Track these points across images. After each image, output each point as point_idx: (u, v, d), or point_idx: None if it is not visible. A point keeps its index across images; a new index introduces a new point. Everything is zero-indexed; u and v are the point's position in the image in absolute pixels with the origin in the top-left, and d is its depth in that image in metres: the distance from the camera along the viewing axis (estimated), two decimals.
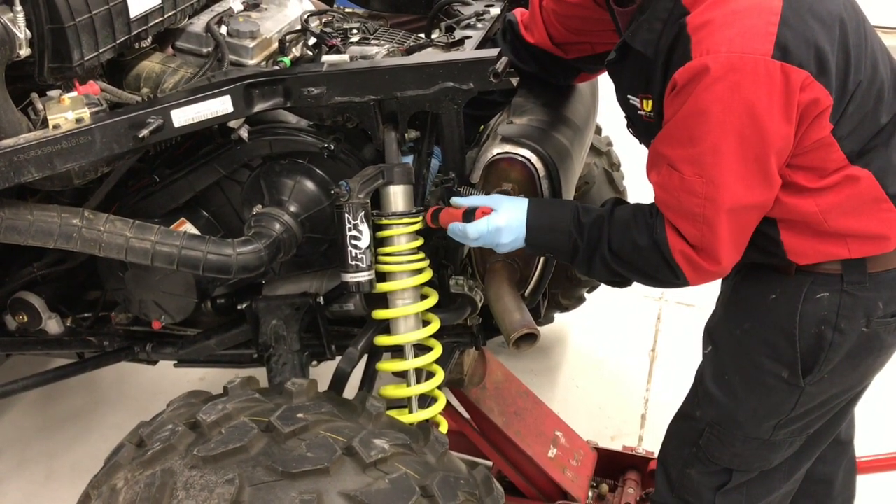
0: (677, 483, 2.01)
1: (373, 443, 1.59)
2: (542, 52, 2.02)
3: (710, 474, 1.95)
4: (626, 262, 1.67)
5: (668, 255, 1.61)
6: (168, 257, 1.81)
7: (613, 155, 3.17)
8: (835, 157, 1.58)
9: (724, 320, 1.88)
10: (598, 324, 3.75)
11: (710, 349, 1.90)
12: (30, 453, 3.19)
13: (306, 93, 1.82)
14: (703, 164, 1.51)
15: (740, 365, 1.83)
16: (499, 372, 2.74)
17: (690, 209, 1.56)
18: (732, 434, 1.86)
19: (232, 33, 2.02)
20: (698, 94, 1.46)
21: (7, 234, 1.73)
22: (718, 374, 1.87)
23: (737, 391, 1.83)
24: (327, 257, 2.13)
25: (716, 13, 1.47)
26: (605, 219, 1.68)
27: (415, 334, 1.92)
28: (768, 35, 1.44)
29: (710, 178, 1.52)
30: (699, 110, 1.48)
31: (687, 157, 1.52)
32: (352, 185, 1.77)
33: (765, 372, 1.78)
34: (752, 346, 1.80)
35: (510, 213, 1.73)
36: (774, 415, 1.82)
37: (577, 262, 1.73)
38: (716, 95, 1.45)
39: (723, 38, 1.45)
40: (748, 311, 1.81)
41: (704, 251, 1.59)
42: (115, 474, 1.62)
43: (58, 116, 1.68)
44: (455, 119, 1.83)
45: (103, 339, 2.36)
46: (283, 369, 2.09)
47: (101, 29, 1.79)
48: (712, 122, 1.47)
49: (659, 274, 1.65)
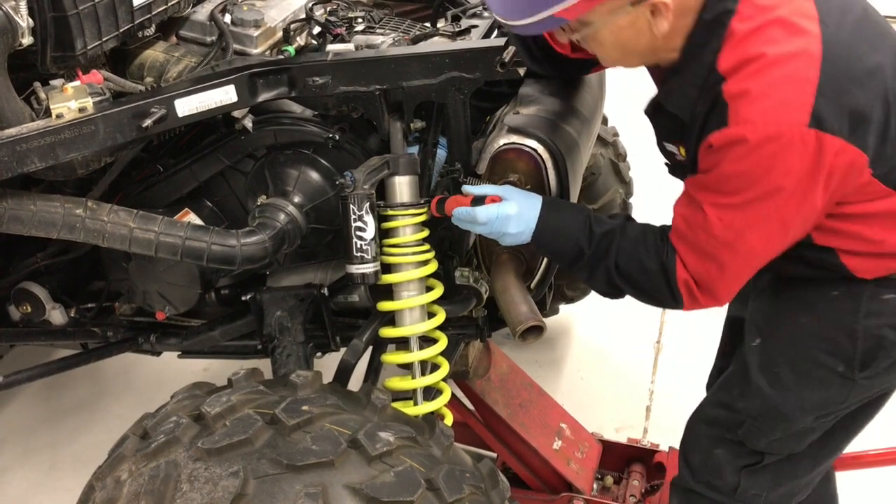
0: (701, 466, 2.01)
1: (378, 435, 1.58)
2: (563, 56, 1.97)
3: (738, 455, 1.94)
4: (629, 279, 1.70)
5: (674, 282, 1.65)
6: (172, 248, 1.80)
7: (620, 145, 3.16)
8: (878, 190, 1.60)
9: (776, 313, 1.87)
10: (603, 315, 3.74)
11: (759, 342, 1.89)
12: (34, 443, 3.19)
13: (311, 82, 1.81)
14: (729, 212, 1.55)
15: (792, 358, 1.82)
16: (504, 364, 2.73)
17: (704, 248, 1.60)
18: (775, 426, 1.86)
19: (236, 22, 2.01)
20: (733, 159, 1.50)
21: (10, 224, 1.73)
22: (767, 366, 1.86)
23: (787, 385, 1.82)
24: (332, 248, 2.13)
25: (753, 83, 1.48)
26: (617, 233, 1.70)
27: (420, 326, 1.91)
28: (804, 105, 1.46)
29: (732, 227, 1.56)
30: (733, 174, 1.52)
31: (715, 203, 1.56)
32: (357, 175, 1.75)
33: (819, 365, 1.78)
34: (808, 340, 1.79)
35: (522, 205, 1.73)
36: (822, 408, 1.82)
37: (578, 268, 1.75)
38: (752, 163, 1.49)
39: (760, 109, 1.47)
40: (806, 306, 1.80)
41: (705, 288, 1.65)
42: (118, 466, 1.62)
43: (61, 106, 1.67)
44: (461, 109, 1.82)
45: (107, 330, 2.36)
46: (287, 361, 2.09)
47: (104, 17, 1.78)
48: (745, 183, 1.51)
49: (659, 295, 1.70)
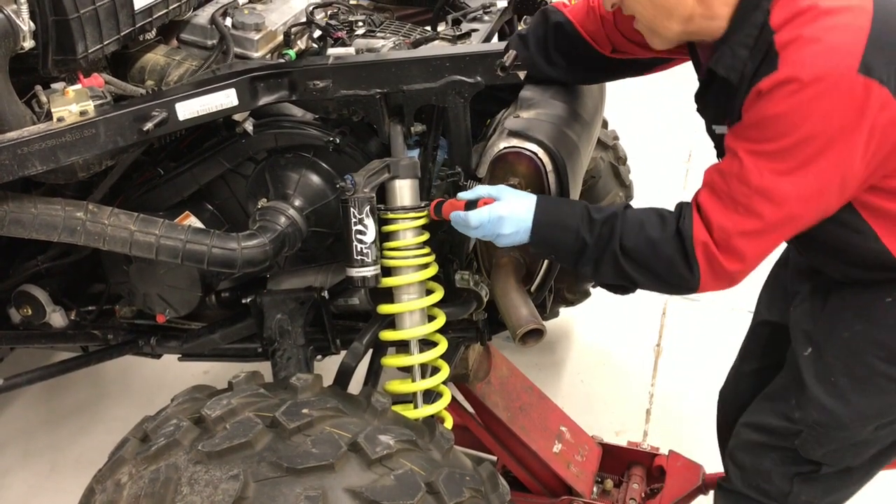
0: (752, 470, 1.99)
1: (378, 439, 1.58)
2: (588, 55, 1.96)
3: (792, 462, 1.93)
4: (638, 260, 1.65)
5: (690, 245, 1.59)
6: (172, 251, 1.80)
7: (620, 149, 3.16)
8: None
9: (827, 321, 1.84)
10: (603, 319, 3.74)
11: (811, 351, 1.86)
12: (34, 446, 3.19)
13: (312, 86, 1.82)
14: (766, 159, 1.52)
15: (849, 366, 1.80)
16: (504, 367, 2.73)
17: (736, 197, 1.56)
18: (834, 435, 1.84)
19: (237, 25, 2.01)
20: (779, 99, 1.48)
21: (11, 227, 1.73)
22: (824, 376, 1.83)
23: (846, 393, 1.80)
24: (332, 251, 2.13)
25: (805, 30, 1.49)
26: (618, 217, 1.66)
27: (420, 329, 1.91)
28: (856, 52, 1.46)
29: (768, 174, 1.53)
30: (777, 114, 1.50)
31: (753, 150, 1.54)
32: (357, 179, 1.76)
33: (877, 374, 1.76)
34: (864, 348, 1.77)
35: (514, 204, 1.71)
36: (882, 416, 1.80)
37: (583, 262, 1.70)
38: (797, 102, 1.47)
39: (811, 52, 1.47)
40: (859, 313, 1.78)
41: (728, 248, 1.58)
42: (119, 469, 1.62)
43: (62, 109, 1.67)
44: (461, 113, 1.82)
45: (107, 333, 2.36)
46: (287, 364, 2.09)
47: (106, 21, 1.78)
48: (787, 126, 1.49)
49: (672, 271, 1.63)
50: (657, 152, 4.74)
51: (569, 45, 1.94)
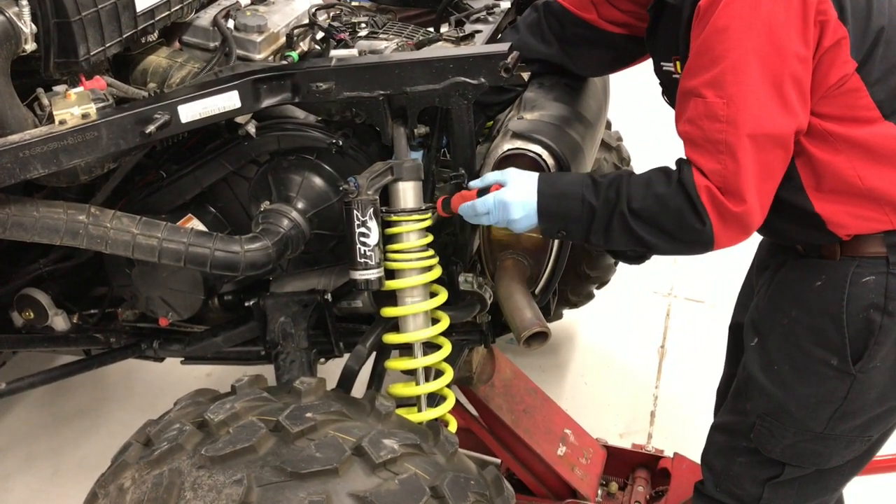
0: (723, 475, 1.99)
1: (382, 443, 1.57)
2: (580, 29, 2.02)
3: (759, 465, 1.92)
4: (647, 219, 1.64)
5: (694, 193, 1.59)
6: (175, 254, 1.80)
7: (624, 150, 3.15)
8: (864, 104, 1.61)
9: (769, 311, 1.86)
10: (607, 320, 3.74)
11: (756, 341, 1.88)
12: (37, 449, 3.19)
13: (314, 88, 1.81)
14: (723, 84, 1.56)
15: (789, 354, 1.81)
16: (507, 369, 2.73)
17: (713, 136, 1.57)
18: (784, 425, 1.84)
19: (239, 27, 2.00)
20: (719, 12, 1.54)
21: (13, 230, 1.73)
22: (767, 364, 1.85)
23: (787, 381, 1.82)
24: (336, 254, 2.12)
25: None
26: (623, 179, 1.68)
27: (424, 332, 1.90)
28: None
29: (730, 98, 1.55)
30: (719, 28, 1.55)
31: (709, 79, 1.57)
32: (360, 181, 1.75)
33: (814, 360, 1.77)
34: (800, 334, 1.79)
35: (517, 188, 1.71)
36: (827, 405, 1.79)
37: (594, 230, 1.69)
38: (735, 12, 1.53)
39: None
40: (794, 299, 1.80)
41: (727, 189, 1.58)
42: (122, 473, 1.62)
43: (64, 112, 1.67)
44: (465, 114, 1.81)
45: (110, 336, 2.36)
46: (290, 367, 2.08)
47: (108, 23, 1.77)
48: (732, 39, 1.54)
49: (682, 223, 1.62)
50: (661, 153, 4.72)
51: (558, 23, 2.01)
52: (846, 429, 1.82)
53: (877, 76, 1.61)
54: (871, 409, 1.80)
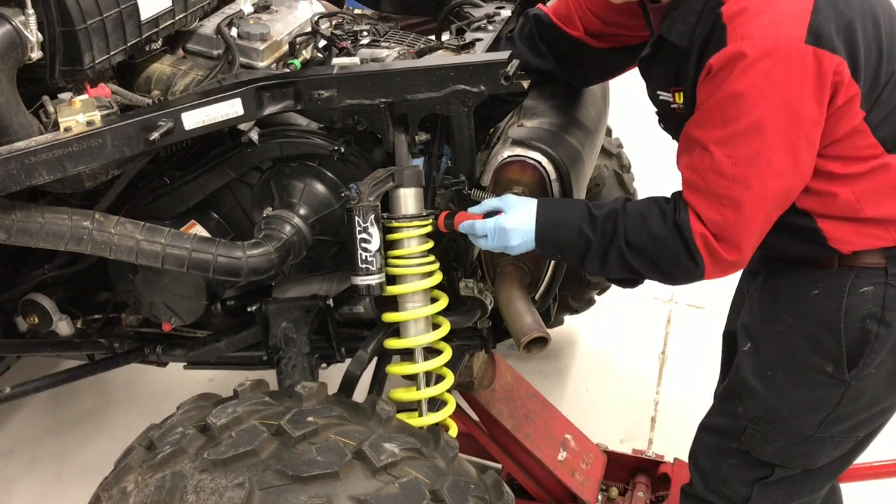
0: (712, 475, 2.00)
1: (383, 447, 1.58)
2: (571, 45, 2.02)
3: (749, 466, 1.93)
4: (643, 254, 1.67)
5: (690, 238, 1.61)
6: (178, 260, 1.81)
7: (624, 157, 3.17)
8: (867, 144, 1.61)
9: (763, 316, 1.87)
10: (607, 326, 3.74)
11: (749, 345, 1.89)
12: (40, 453, 3.20)
13: (317, 95, 1.82)
14: (734, 146, 1.54)
15: (783, 360, 1.82)
16: (508, 374, 2.74)
17: (717, 191, 1.58)
18: (776, 429, 1.85)
19: (242, 35, 2.02)
20: (734, 77, 1.51)
21: (18, 236, 1.74)
22: (760, 370, 1.86)
23: (780, 387, 1.83)
24: (337, 260, 2.13)
25: (750, 2, 1.52)
26: (620, 212, 1.68)
27: (425, 337, 1.91)
28: (801, 21, 1.49)
29: (740, 160, 1.54)
30: (734, 93, 1.52)
31: (719, 138, 1.56)
32: (362, 187, 1.76)
33: (809, 367, 1.78)
34: (796, 342, 1.79)
35: (518, 214, 1.73)
36: (819, 410, 1.80)
37: (589, 259, 1.72)
38: (750, 79, 1.50)
39: (757, 24, 1.50)
40: (790, 306, 1.81)
41: (724, 239, 1.60)
42: (125, 477, 1.63)
43: (69, 119, 1.68)
44: (465, 122, 1.83)
45: (113, 341, 2.37)
46: (292, 372, 2.09)
47: (112, 32, 1.79)
48: (746, 105, 1.52)
49: (677, 263, 1.65)
50: (661, 160, 4.73)
51: (550, 37, 2.02)
52: (836, 431, 1.83)
53: (881, 117, 1.61)
54: (863, 412, 1.82)
